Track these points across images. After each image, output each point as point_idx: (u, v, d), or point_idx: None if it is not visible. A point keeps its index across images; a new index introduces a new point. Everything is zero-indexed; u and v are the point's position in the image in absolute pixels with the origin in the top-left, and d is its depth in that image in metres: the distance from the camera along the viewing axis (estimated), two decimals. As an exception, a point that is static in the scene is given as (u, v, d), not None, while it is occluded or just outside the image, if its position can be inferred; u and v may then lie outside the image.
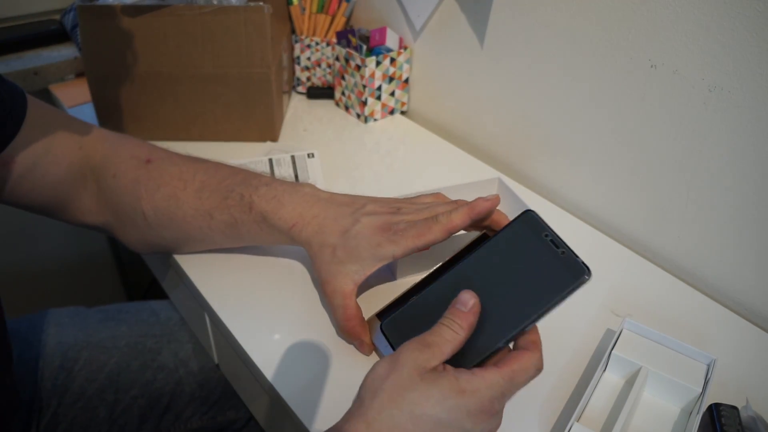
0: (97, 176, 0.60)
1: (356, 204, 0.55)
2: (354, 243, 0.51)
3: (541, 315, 0.41)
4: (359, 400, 0.39)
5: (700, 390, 0.49)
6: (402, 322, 0.46)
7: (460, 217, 0.50)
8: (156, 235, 0.61)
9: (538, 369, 0.40)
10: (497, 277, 0.44)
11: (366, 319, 0.54)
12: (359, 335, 0.52)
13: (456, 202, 0.54)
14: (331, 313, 0.54)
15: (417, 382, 0.38)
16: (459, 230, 0.51)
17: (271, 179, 0.58)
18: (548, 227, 0.46)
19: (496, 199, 0.51)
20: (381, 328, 0.46)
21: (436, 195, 0.58)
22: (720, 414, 0.45)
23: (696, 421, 0.46)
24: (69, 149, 0.59)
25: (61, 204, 0.60)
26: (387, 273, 0.64)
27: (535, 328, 0.42)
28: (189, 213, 0.58)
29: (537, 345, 0.41)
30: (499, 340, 0.42)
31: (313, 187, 0.57)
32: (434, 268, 0.54)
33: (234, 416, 0.76)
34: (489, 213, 0.52)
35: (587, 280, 0.42)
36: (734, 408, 0.46)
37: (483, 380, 0.38)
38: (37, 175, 0.57)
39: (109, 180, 0.59)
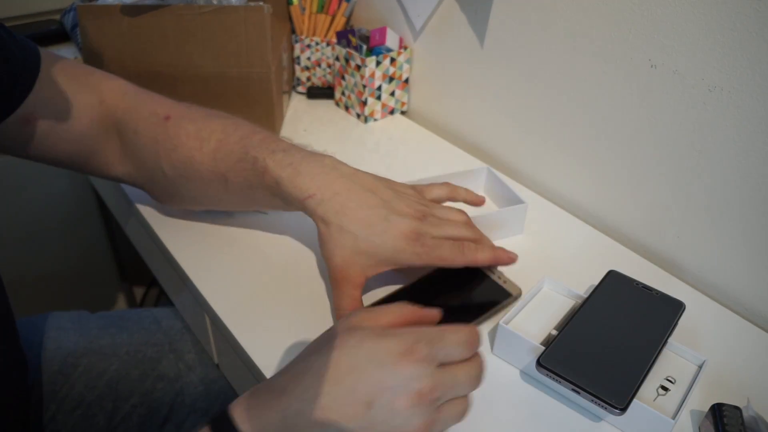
0: (119, 131, 0.60)
1: (382, 193, 0.54)
2: (379, 241, 0.51)
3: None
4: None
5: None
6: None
7: (483, 258, 0.56)
8: (176, 192, 0.61)
9: (468, 341, 0.38)
10: (615, 322, 0.53)
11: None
12: None
13: (467, 218, 0.59)
14: (333, 296, 0.53)
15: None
16: (475, 266, 0.57)
17: (290, 146, 0.56)
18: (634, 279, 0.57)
19: (514, 259, 0.59)
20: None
21: (447, 185, 0.61)
22: (722, 414, 0.45)
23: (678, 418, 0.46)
24: (90, 104, 0.59)
25: (86, 157, 0.61)
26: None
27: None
28: (205, 175, 0.57)
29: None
30: (642, 371, 0.48)
31: (333, 159, 0.56)
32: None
33: None
34: (505, 265, 0.59)
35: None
36: (737, 408, 0.46)
37: (406, 328, 0.38)
38: (60, 131, 0.57)
39: (131, 135, 0.59)
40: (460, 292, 0.59)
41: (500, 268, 0.62)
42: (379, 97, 0.94)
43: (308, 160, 0.54)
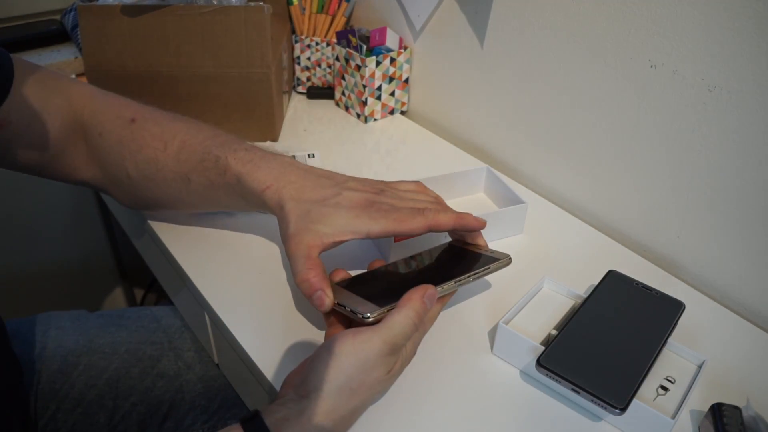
0: (85, 133, 0.61)
1: (337, 178, 0.54)
2: (333, 210, 0.50)
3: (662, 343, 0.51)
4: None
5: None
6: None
7: (446, 220, 0.52)
8: (140, 194, 0.62)
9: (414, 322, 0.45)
10: (615, 322, 0.53)
11: None
12: (320, 286, 0.48)
13: (437, 198, 0.57)
14: (292, 268, 0.49)
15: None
16: (439, 230, 0.53)
17: (252, 145, 0.57)
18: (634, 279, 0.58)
19: (482, 223, 0.55)
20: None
21: (417, 183, 0.59)
22: (722, 414, 0.45)
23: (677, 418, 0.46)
24: (60, 107, 0.59)
25: (53, 161, 0.61)
26: (370, 246, 0.66)
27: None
28: (168, 176, 0.58)
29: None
30: (642, 371, 0.47)
31: (292, 158, 0.57)
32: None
33: None
34: (471, 230, 0.55)
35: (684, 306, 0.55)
36: (736, 408, 0.46)
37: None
38: (33, 135, 0.57)
39: (96, 138, 0.60)
40: (444, 264, 0.56)
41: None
42: (379, 97, 0.94)
43: (268, 157, 0.55)
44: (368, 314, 0.45)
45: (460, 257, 0.56)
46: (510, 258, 0.54)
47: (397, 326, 0.44)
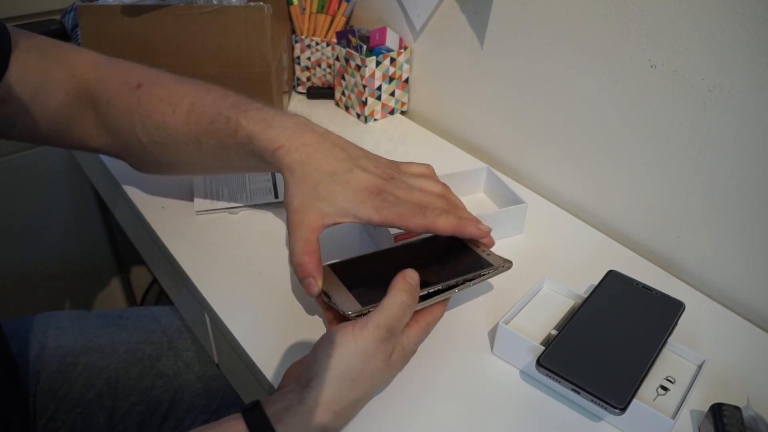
0: (93, 102, 0.60)
1: (351, 151, 0.53)
2: (339, 189, 0.49)
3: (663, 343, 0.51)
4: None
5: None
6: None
7: (444, 225, 0.52)
8: (153, 159, 0.62)
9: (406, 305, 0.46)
10: (615, 322, 0.53)
11: None
12: (313, 273, 0.48)
13: (445, 189, 0.57)
14: (289, 241, 0.50)
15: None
16: (436, 233, 0.53)
17: (263, 105, 0.55)
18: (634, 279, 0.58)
19: (484, 233, 0.55)
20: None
21: (426, 166, 0.59)
22: (722, 414, 0.45)
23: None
24: (64, 78, 0.59)
25: (64, 131, 0.61)
26: (370, 245, 0.66)
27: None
28: (179, 139, 0.57)
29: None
30: (642, 371, 0.47)
31: (307, 118, 0.55)
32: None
33: None
34: (470, 237, 0.55)
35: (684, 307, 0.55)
36: (737, 408, 0.46)
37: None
38: (37, 107, 0.57)
39: (104, 106, 0.60)
40: (437, 260, 0.56)
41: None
42: (379, 97, 0.94)
43: (281, 116, 0.54)
44: (350, 312, 0.47)
45: (460, 255, 0.56)
46: (511, 263, 0.55)
47: (388, 308, 0.45)
